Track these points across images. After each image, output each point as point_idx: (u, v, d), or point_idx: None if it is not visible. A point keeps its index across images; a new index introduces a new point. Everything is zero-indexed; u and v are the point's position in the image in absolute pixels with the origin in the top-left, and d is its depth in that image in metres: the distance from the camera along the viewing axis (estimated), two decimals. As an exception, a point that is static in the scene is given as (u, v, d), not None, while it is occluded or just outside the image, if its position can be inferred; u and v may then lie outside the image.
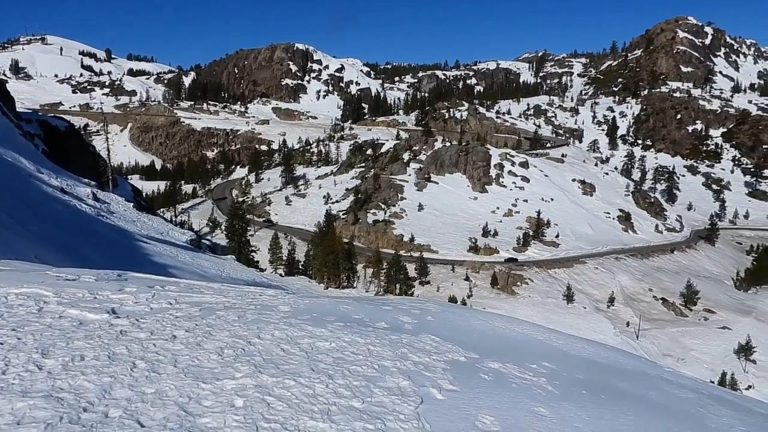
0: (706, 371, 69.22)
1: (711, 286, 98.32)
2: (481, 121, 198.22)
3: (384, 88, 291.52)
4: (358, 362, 7.11)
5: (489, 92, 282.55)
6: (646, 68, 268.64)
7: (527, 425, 6.30)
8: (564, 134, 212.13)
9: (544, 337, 11.75)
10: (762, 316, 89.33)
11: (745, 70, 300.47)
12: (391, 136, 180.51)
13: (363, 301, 12.74)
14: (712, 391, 11.72)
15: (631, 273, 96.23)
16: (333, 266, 75.82)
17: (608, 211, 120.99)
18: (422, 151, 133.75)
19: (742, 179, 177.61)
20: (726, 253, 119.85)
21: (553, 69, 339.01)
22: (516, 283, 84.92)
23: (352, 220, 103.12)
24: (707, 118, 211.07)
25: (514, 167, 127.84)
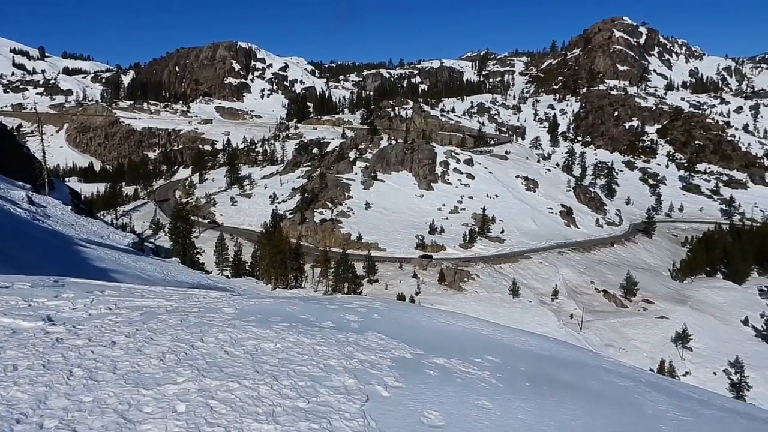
0: (646, 359, 71.65)
1: (649, 277, 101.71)
2: (426, 120, 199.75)
3: (329, 87, 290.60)
4: (304, 362, 7.10)
5: (433, 91, 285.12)
6: (585, 67, 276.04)
7: (472, 418, 6.41)
8: (507, 132, 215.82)
9: (488, 331, 11.98)
10: (697, 304, 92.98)
11: (677, 69, 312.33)
12: (337, 134, 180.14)
13: (309, 300, 12.71)
14: (650, 378, 12.17)
15: (574, 266, 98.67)
16: (280, 266, 75.10)
17: (551, 207, 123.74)
18: (368, 150, 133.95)
19: (677, 174, 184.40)
20: (662, 245, 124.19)
21: (496, 68, 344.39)
22: (463, 279, 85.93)
23: (299, 219, 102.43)
24: (643, 115, 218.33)
25: (460, 164, 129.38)
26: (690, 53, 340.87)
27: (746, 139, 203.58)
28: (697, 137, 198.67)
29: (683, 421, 8.42)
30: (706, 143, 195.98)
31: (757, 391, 69.92)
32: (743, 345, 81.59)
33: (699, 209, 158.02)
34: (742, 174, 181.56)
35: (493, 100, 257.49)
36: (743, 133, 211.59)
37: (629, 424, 7.71)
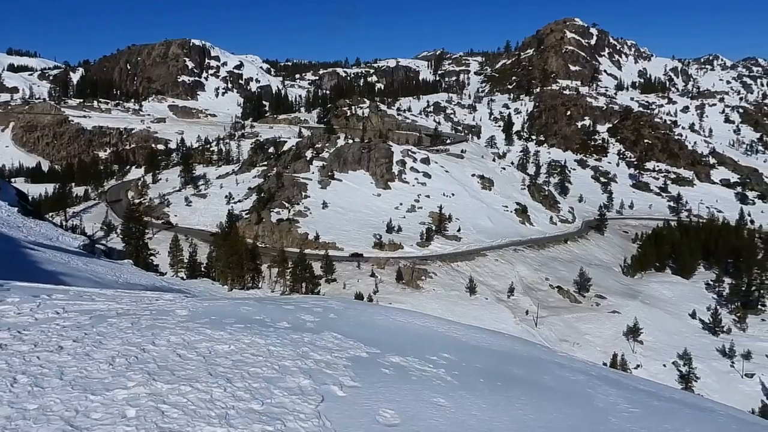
0: (599, 353, 73.31)
1: (601, 273, 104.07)
2: (382, 119, 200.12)
3: (285, 86, 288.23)
4: (258, 364, 7.04)
5: (390, 90, 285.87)
6: (538, 67, 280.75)
7: (427, 416, 6.46)
8: (463, 130, 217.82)
9: (444, 329, 12.09)
10: (647, 299, 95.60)
11: (627, 70, 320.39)
12: (294, 133, 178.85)
13: (265, 301, 12.60)
14: (601, 372, 12.46)
15: (529, 263, 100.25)
16: (237, 267, 74.26)
17: (506, 205, 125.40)
18: (325, 149, 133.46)
19: (627, 172, 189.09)
20: (614, 241, 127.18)
21: (451, 67, 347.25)
22: (420, 278, 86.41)
23: (256, 219, 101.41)
24: (594, 115, 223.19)
25: (416, 163, 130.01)
26: (639, 54, 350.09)
27: (692, 138, 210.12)
28: (646, 136, 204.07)
29: (632, 413, 8.65)
30: (655, 142, 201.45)
31: (704, 382, 72.31)
32: (691, 337, 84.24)
33: (648, 206, 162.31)
34: (689, 172, 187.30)
35: (449, 99, 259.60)
36: (690, 132, 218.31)
37: (581, 417, 7.88)
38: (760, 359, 79.04)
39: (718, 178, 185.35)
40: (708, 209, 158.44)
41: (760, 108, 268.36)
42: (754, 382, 74.97)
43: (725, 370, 77.45)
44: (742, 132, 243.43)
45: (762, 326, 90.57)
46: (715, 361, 78.82)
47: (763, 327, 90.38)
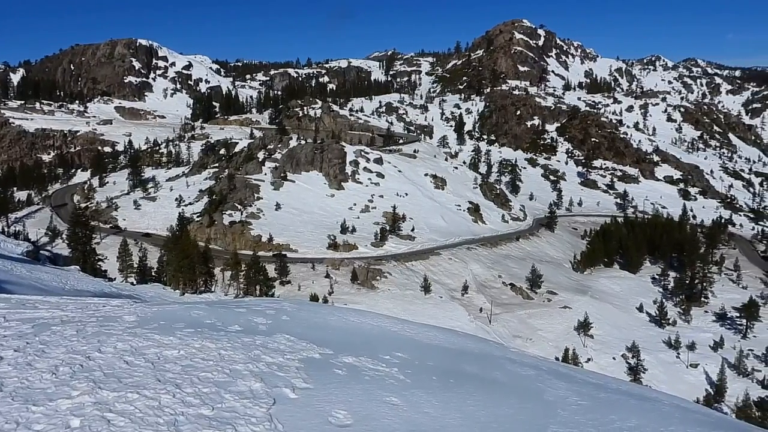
0: (552, 348, 74.78)
1: (552, 269, 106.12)
2: (335, 119, 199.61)
3: (235, 86, 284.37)
4: (209, 368, 6.95)
5: (342, 90, 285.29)
6: (488, 67, 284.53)
7: (380, 415, 6.49)
8: (415, 131, 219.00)
9: (397, 328, 12.14)
10: (597, 294, 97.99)
11: (573, 70, 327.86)
12: (245, 135, 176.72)
13: (216, 305, 12.44)
14: (551, 366, 12.72)
15: (482, 261, 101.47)
16: (189, 271, 72.95)
17: (459, 204, 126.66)
18: (277, 150, 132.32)
19: (575, 170, 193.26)
20: (564, 238, 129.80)
21: (403, 68, 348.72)
22: (375, 278, 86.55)
23: (208, 222, 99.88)
24: (543, 114, 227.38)
25: (369, 164, 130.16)
26: (585, 55, 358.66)
27: (637, 136, 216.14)
28: (593, 135, 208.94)
29: (581, 405, 8.87)
30: (602, 141, 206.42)
31: (652, 373, 74.52)
32: (639, 330, 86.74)
33: (596, 203, 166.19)
34: (634, 169, 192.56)
35: (401, 99, 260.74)
36: (634, 130, 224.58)
37: (531, 411, 8.04)
38: (703, 350, 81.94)
39: (661, 176, 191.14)
40: (653, 205, 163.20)
41: (700, 107, 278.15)
42: (699, 372, 77.65)
43: (671, 361, 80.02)
44: (683, 130, 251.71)
45: (705, 318, 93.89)
46: (662, 353, 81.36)
47: (706, 318, 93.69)
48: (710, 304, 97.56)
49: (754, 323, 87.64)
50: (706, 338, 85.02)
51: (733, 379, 74.26)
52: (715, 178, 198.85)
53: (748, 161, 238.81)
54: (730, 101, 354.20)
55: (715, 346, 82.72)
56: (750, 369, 77.36)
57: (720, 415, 12.81)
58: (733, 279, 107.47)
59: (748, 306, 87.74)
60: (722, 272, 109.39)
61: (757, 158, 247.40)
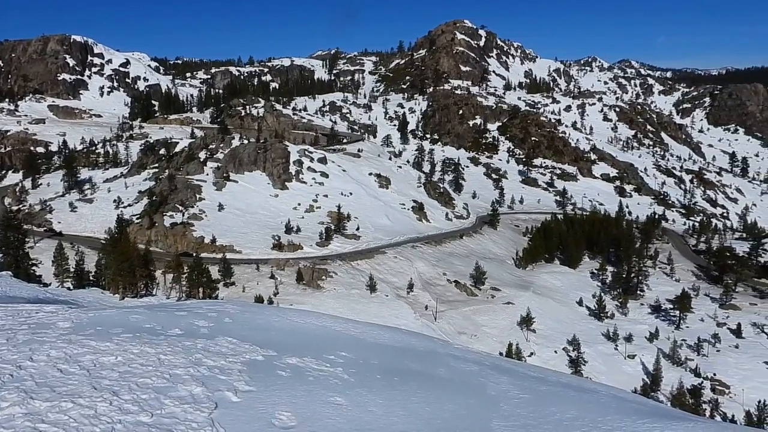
0: (496, 344, 76.08)
1: (496, 266, 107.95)
2: (278, 118, 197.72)
3: (175, 85, 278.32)
4: (148, 374, 6.78)
5: (285, 89, 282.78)
6: (431, 67, 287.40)
7: (324, 416, 6.47)
8: (359, 130, 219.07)
9: (342, 327, 12.12)
10: (538, 289, 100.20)
11: (514, 70, 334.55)
12: (186, 134, 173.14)
13: (156, 308, 12.14)
14: (494, 362, 12.95)
15: (427, 259, 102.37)
16: (129, 274, 70.90)
17: (403, 203, 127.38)
18: (219, 150, 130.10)
19: (516, 168, 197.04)
20: (506, 235, 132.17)
21: (346, 67, 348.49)
22: (321, 278, 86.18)
23: (148, 224, 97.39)
24: (485, 114, 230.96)
25: (313, 163, 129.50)
26: (524, 56, 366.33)
27: (575, 135, 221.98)
28: (533, 134, 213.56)
29: (522, 398, 9.06)
30: (541, 139, 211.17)
31: (592, 365, 76.76)
32: (579, 324, 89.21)
33: (537, 201, 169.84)
34: (573, 167, 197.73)
35: (345, 98, 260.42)
36: (572, 130, 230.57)
37: (474, 405, 8.17)
38: (640, 341, 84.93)
39: (599, 173, 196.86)
40: (591, 202, 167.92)
41: (634, 107, 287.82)
42: (636, 362, 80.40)
43: (610, 353, 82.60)
44: (618, 130, 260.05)
45: (641, 310, 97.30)
46: (601, 345, 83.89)
47: (642, 311, 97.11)
48: (646, 297, 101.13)
49: (687, 314, 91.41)
50: (642, 330, 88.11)
51: (667, 369, 77.18)
52: (648, 176, 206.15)
53: (679, 159, 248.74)
54: (662, 101, 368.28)
55: (651, 338, 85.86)
56: (683, 358, 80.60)
57: (654, 404, 13.30)
58: (666, 272, 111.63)
59: (680, 298, 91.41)
60: (656, 266, 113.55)
61: (687, 156, 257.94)
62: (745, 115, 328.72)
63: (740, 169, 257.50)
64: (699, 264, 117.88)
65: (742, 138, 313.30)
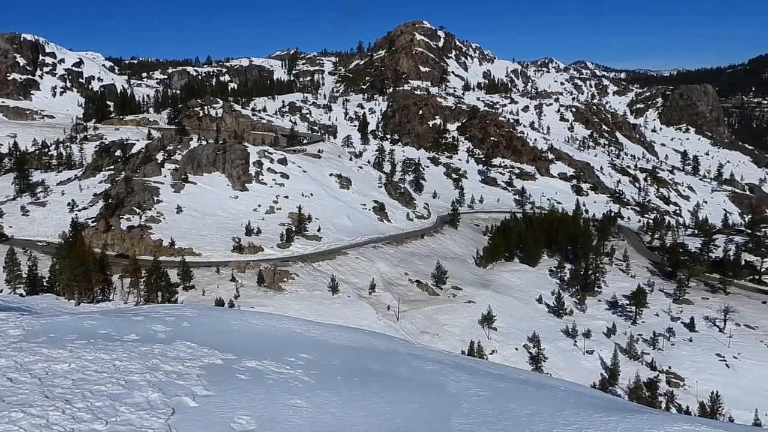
0: (458, 342, 76.68)
1: (456, 265, 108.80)
2: (237, 119, 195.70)
3: (131, 85, 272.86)
4: (102, 381, 6.65)
5: (244, 89, 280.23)
6: (390, 68, 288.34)
7: (284, 418, 6.43)
8: (319, 130, 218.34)
9: (302, 329, 12.06)
10: (499, 288, 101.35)
11: (472, 71, 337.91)
12: (142, 135, 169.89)
13: (112, 313, 11.90)
14: (454, 360, 13.06)
15: (389, 260, 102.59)
16: (84, 280, 69.39)
17: (364, 203, 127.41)
18: (177, 151, 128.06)
19: (476, 168, 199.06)
20: (467, 234, 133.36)
21: (306, 67, 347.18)
22: (282, 280, 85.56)
23: (104, 227, 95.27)
24: (444, 114, 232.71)
25: (273, 164, 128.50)
26: (483, 57, 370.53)
27: (533, 135, 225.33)
28: (492, 134, 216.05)
29: (482, 396, 9.16)
30: (500, 139, 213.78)
31: (552, 361, 77.97)
32: (539, 321, 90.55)
33: (496, 200, 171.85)
34: (531, 167, 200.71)
35: (305, 99, 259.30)
36: (530, 130, 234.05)
37: (434, 404, 8.23)
38: (598, 337, 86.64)
39: (556, 172, 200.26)
40: (549, 201, 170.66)
41: (589, 107, 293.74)
42: (594, 357, 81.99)
43: (569, 349, 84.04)
44: (575, 129, 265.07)
45: (599, 306, 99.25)
46: (561, 341, 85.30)
47: (599, 307, 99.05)
48: (603, 293, 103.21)
49: (642, 310, 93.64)
50: (600, 326, 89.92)
51: (625, 363, 78.88)
52: (604, 175, 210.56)
53: (634, 158, 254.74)
54: (616, 101, 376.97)
55: (609, 333, 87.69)
56: (640, 352, 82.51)
57: (611, 397, 13.59)
58: (622, 269, 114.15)
59: (636, 294, 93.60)
60: (613, 263, 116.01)
61: (641, 155, 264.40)
62: (695, 115, 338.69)
63: (692, 168, 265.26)
64: (653, 260, 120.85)
65: (693, 137, 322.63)
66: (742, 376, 76.22)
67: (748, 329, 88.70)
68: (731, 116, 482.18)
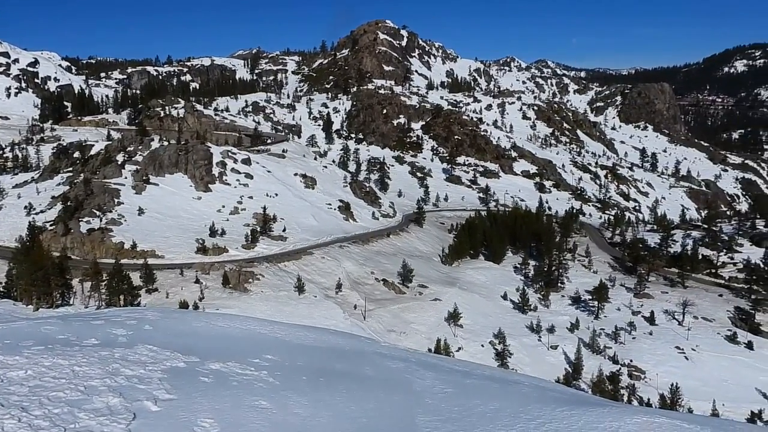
0: (425, 340, 77.08)
1: (422, 263, 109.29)
2: (199, 119, 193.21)
3: (89, 85, 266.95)
4: (60, 387, 6.50)
5: (206, 89, 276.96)
6: (354, 67, 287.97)
7: (248, 421, 6.38)
8: (283, 130, 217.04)
9: (267, 330, 11.97)
10: (464, 285, 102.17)
11: (436, 70, 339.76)
12: (102, 136, 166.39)
13: (71, 318, 11.63)
14: (420, 358, 13.12)
15: (355, 259, 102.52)
16: (43, 284, 67.68)
17: (330, 203, 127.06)
18: (138, 152, 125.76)
19: (441, 166, 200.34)
20: (432, 233, 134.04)
21: (269, 66, 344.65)
22: (248, 281, 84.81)
23: (63, 230, 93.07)
24: (409, 113, 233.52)
25: (237, 164, 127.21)
26: (446, 56, 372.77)
27: (496, 133, 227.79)
28: (456, 132, 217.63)
29: (446, 393, 9.22)
30: (464, 138, 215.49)
31: (517, 357, 78.92)
32: (504, 317, 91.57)
33: (461, 198, 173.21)
34: (495, 165, 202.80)
35: (268, 98, 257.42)
36: (493, 128, 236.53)
37: (399, 402, 8.25)
38: (562, 332, 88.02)
39: (519, 170, 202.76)
40: (512, 199, 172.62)
41: (551, 106, 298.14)
42: (558, 352, 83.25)
43: (534, 345, 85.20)
44: (537, 128, 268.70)
45: (562, 302, 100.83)
46: (525, 337, 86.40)
47: (563, 302, 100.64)
48: (566, 288, 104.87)
49: (605, 304, 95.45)
50: (564, 321, 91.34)
51: (588, 357, 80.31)
52: (566, 172, 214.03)
53: (594, 155, 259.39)
54: (577, 100, 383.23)
55: (572, 328, 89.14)
56: (602, 347, 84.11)
57: (573, 391, 13.82)
58: (585, 264, 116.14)
59: (598, 289, 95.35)
60: (576, 259, 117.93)
61: (601, 152, 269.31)
62: (653, 113, 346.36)
63: (650, 165, 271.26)
64: (614, 256, 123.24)
65: (651, 134, 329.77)
66: (700, 368, 78.35)
67: (706, 322, 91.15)
68: (687, 114, 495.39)
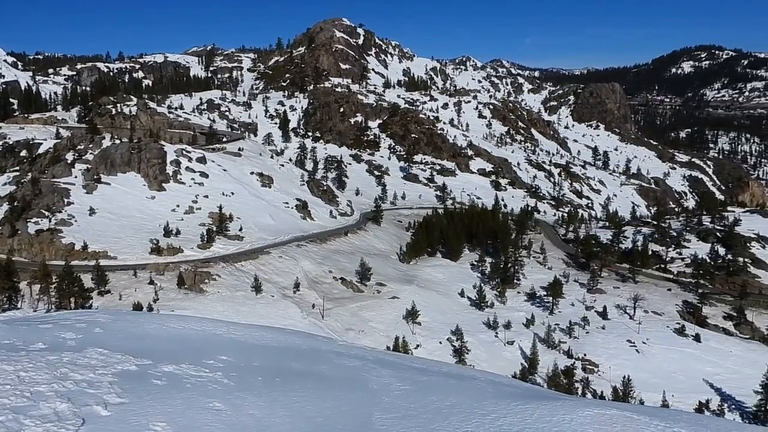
0: (383, 338, 77.24)
1: (380, 261, 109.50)
2: (152, 117, 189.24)
3: (36, 82, 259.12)
4: (5, 393, 6.30)
5: (159, 86, 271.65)
6: (311, 65, 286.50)
7: (202, 423, 6.30)
8: (239, 128, 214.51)
9: (222, 331, 11.83)
10: (422, 283, 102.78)
11: (392, 69, 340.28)
12: (50, 134, 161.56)
13: (17, 322, 11.28)
14: (377, 356, 13.14)
15: (312, 258, 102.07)
16: (-13, 287, 65.54)
17: (287, 201, 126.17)
18: (88, 151, 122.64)
19: (398, 165, 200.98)
20: (390, 231, 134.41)
21: (223, 63, 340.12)
22: (204, 281, 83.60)
23: (9, 231, 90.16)
24: (366, 111, 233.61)
25: (192, 163, 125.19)
26: (402, 54, 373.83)
27: (453, 132, 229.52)
28: (413, 131, 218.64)
29: (403, 390, 9.27)
30: (421, 136, 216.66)
31: (474, 353, 79.77)
32: (461, 314, 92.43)
33: (418, 196, 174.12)
34: (451, 163, 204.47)
35: (223, 96, 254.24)
36: (450, 127, 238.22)
37: (356, 401, 8.26)
38: (518, 328, 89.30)
39: (475, 168, 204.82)
40: (469, 196, 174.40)
41: (506, 105, 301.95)
42: (515, 348, 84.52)
43: (491, 341, 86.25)
44: (493, 126, 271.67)
45: (518, 298, 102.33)
46: (482, 333, 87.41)
47: (519, 299, 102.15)
48: (522, 285, 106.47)
49: (559, 300, 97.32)
50: (520, 317, 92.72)
51: (543, 352, 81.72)
52: (521, 170, 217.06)
53: (548, 154, 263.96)
54: (531, 99, 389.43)
55: (528, 324, 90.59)
56: (557, 341, 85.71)
57: (528, 386, 14.05)
58: (540, 261, 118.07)
59: (553, 285, 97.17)
60: (531, 255, 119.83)
61: (555, 151, 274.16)
62: (604, 112, 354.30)
63: (602, 163, 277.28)
64: (568, 252, 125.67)
65: (602, 133, 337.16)
66: (651, 360, 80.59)
67: (656, 315, 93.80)
68: (637, 113, 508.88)
